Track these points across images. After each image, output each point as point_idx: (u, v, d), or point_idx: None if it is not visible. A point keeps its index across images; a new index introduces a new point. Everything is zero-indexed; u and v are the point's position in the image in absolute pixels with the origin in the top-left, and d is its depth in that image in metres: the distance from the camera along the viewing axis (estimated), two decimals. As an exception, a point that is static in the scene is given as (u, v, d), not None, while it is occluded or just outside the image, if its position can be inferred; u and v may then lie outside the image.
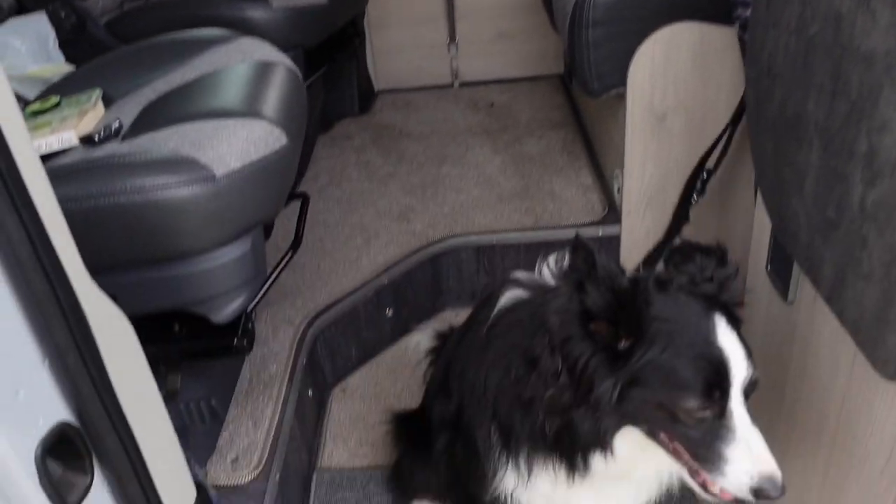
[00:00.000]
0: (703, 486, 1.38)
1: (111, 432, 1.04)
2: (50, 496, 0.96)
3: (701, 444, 1.32)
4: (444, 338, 2.30)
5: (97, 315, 1.03)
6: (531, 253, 2.82)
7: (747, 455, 1.28)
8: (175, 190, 1.52)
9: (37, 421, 0.94)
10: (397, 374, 2.75)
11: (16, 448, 0.90)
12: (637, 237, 2.74)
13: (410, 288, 2.82)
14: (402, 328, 2.87)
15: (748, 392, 1.32)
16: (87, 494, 1.04)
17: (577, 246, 1.30)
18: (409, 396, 2.58)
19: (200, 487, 1.41)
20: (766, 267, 1.80)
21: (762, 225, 1.84)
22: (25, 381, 0.92)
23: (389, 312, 2.78)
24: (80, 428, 1.02)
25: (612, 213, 2.87)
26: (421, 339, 2.51)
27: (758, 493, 1.28)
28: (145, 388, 1.20)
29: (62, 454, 1.01)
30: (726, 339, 1.31)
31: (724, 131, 2.31)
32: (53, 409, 0.97)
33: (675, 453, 1.38)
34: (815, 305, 1.64)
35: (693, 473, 1.39)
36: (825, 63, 1.41)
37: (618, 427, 1.39)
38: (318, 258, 2.80)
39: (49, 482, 0.96)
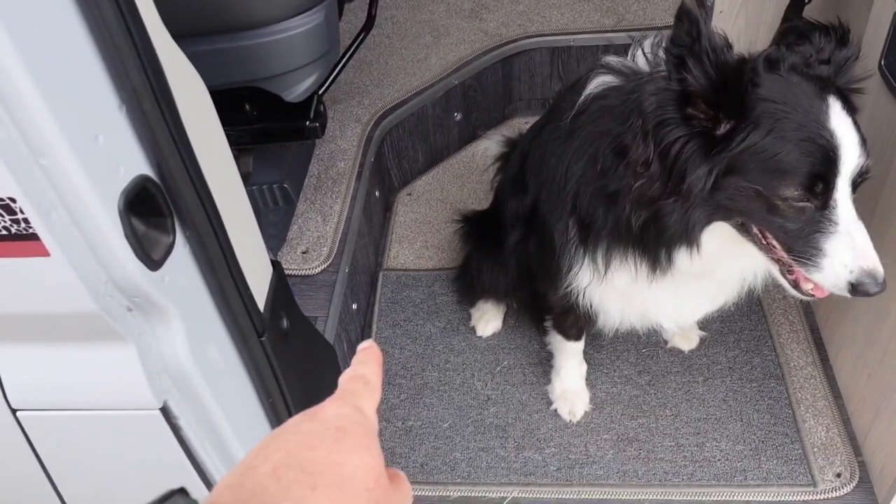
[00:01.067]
0: (795, 283, 1.32)
1: (190, 190, 1.01)
2: (134, 249, 0.95)
3: (798, 236, 1.24)
4: (513, 144, 2.22)
5: (173, 68, 0.98)
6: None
7: (849, 248, 1.21)
8: (244, -52, 1.41)
9: (118, 170, 0.91)
10: (464, 179, 2.70)
11: (99, 195, 0.88)
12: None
13: (480, 91, 2.70)
14: (470, 134, 2.79)
15: (857, 183, 1.22)
16: (170, 253, 1.04)
17: (682, 15, 1.16)
18: (476, 202, 2.54)
19: (276, 264, 1.41)
20: (880, 62, 1.64)
21: (881, 15, 1.65)
22: (104, 126, 0.88)
23: (458, 116, 2.69)
24: (161, 184, 0.99)
25: (704, 12, 2.64)
26: (489, 146, 2.43)
27: (855, 287, 1.22)
28: (221, 152, 1.16)
29: (146, 213, 0.99)
30: (839, 123, 1.19)
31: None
32: (133, 161, 0.94)
33: (767, 248, 1.32)
34: (931, 104, 1.50)
35: (785, 270, 1.33)
36: None
37: (708, 220, 1.32)
38: (386, 56, 2.68)
39: (133, 235, 0.95)
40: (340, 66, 1.75)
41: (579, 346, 1.99)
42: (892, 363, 1.71)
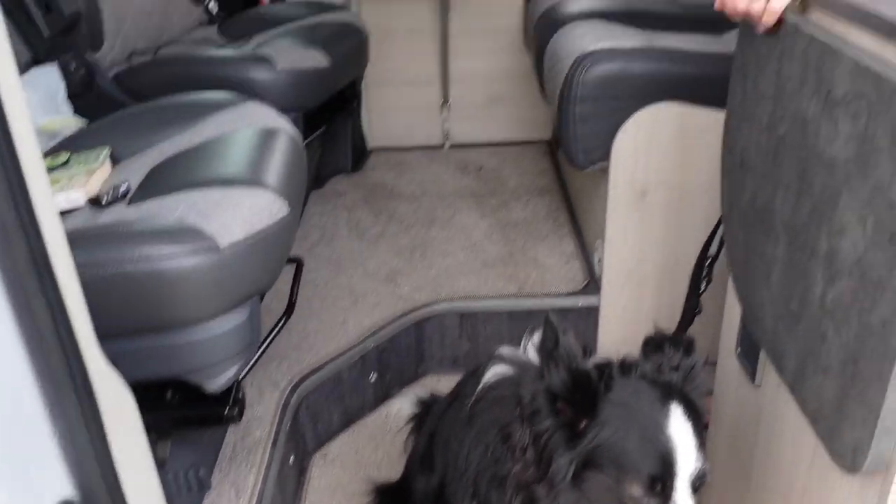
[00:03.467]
0: None
1: (110, 505, 1.09)
2: (49, 569, 1.01)
3: None
4: (425, 405, 2.35)
5: (105, 391, 1.08)
6: (514, 321, 2.90)
7: None
8: (180, 260, 1.57)
9: (43, 499, 0.99)
10: (378, 440, 2.75)
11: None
12: (615, 310, 2.81)
13: (395, 353, 2.86)
14: (384, 393, 2.89)
15: (696, 485, 1.36)
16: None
17: (546, 324, 1.37)
18: (390, 465, 2.58)
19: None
20: (736, 349, 1.88)
21: (733, 309, 1.92)
22: (36, 459, 0.97)
23: (373, 377, 2.81)
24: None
25: (593, 283, 2.93)
26: (402, 406, 2.54)
27: None
28: (143, 461, 1.25)
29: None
30: (678, 429, 1.35)
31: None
32: (59, 486, 1.02)
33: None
34: (780, 390, 1.69)
35: None
36: (792, 162, 1.50)
37: (575, 508, 1.43)
38: (306, 320, 2.84)
39: (49, 558, 1.00)
40: (260, 352, 1.88)
41: None
42: None
